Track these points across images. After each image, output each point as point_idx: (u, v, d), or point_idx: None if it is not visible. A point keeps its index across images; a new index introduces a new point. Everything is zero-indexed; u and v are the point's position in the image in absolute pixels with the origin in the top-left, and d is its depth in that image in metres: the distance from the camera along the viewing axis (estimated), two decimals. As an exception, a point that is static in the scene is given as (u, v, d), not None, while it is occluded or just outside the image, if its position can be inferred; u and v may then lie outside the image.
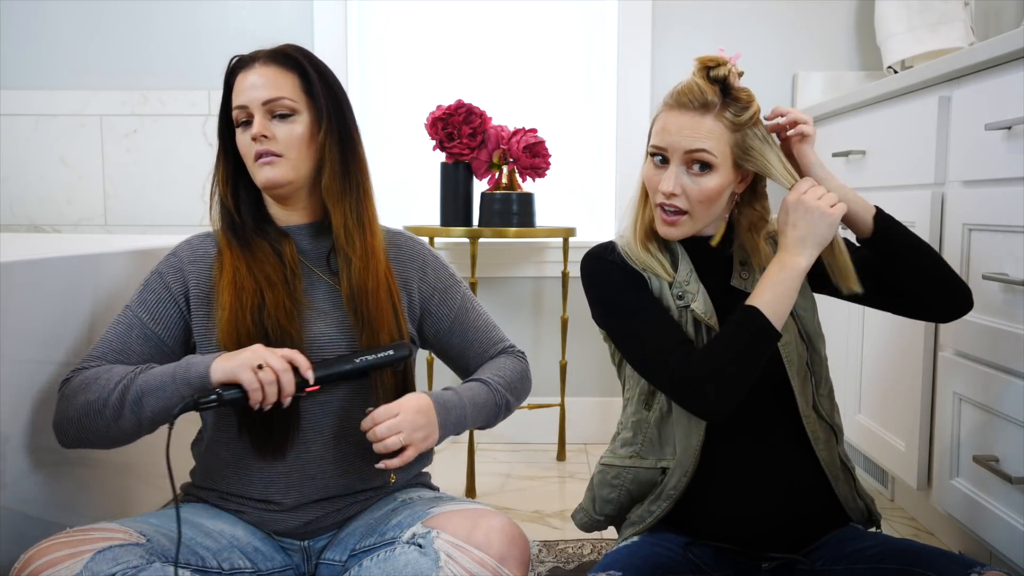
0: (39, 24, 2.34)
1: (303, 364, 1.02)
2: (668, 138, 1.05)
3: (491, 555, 0.98)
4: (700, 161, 1.04)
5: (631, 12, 2.30)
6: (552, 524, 1.76)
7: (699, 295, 1.09)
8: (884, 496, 1.87)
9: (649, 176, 1.10)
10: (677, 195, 1.06)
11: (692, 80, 1.05)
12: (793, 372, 1.09)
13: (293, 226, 1.18)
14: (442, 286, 1.24)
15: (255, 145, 1.10)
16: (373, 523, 1.12)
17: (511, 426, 2.34)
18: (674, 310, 1.10)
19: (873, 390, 1.75)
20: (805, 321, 1.12)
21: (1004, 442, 1.28)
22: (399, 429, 1.03)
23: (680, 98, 1.05)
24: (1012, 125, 1.22)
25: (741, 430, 1.09)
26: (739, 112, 1.04)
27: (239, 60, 1.14)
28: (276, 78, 1.11)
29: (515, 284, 2.38)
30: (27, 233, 2.35)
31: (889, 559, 0.98)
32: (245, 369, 0.98)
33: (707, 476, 1.09)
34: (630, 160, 2.34)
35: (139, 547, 0.96)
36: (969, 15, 2.00)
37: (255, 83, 1.11)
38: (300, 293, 1.13)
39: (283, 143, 1.11)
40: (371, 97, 2.43)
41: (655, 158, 1.08)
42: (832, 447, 1.12)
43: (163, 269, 1.17)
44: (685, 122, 1.04)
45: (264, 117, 1.11)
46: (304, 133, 1.12)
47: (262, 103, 1.10)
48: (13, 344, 1.12)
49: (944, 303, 1.10)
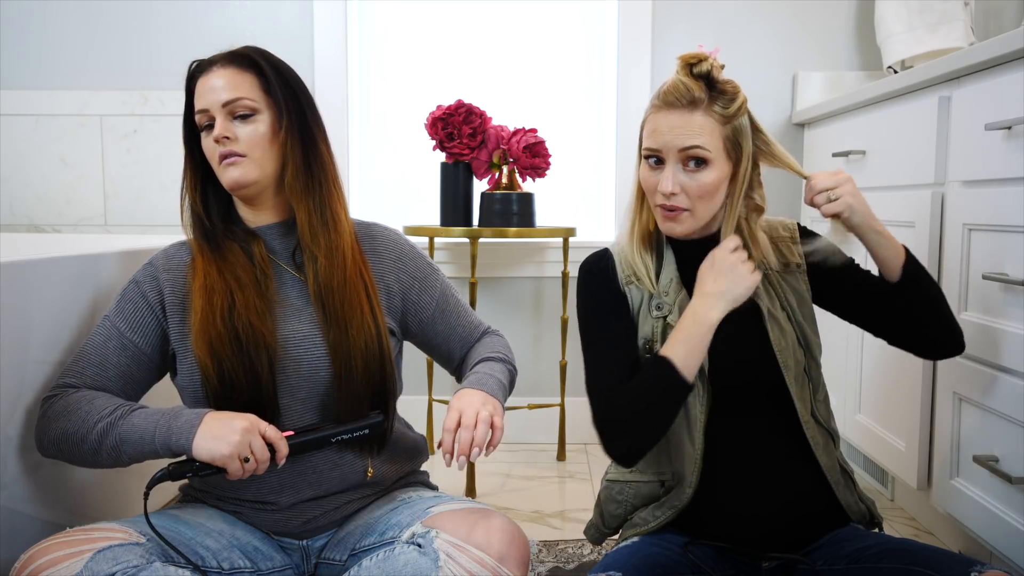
0: (39, 24, 2.34)
1: (281, 452, 1.01)
2: (661, 139, 1.06)
3: (490, 554, 0.98)
4: (695, 157, 1.05)
5: (631, 12, 2.30)
6: (552, 524, 1.76)
7: (676, 306, 1.11)
8: (884, 496, 1.87)
9: (646, 178, 1.10)
10: (677, 193, 1.06)
11: (677, 79, 1.06)
12: (791, 378, 1.09)
13: (263, 226, 1.18)
14: (421, 275, 1.24)
15: (219, 147, 1.11)
16: (372, 522, 1.12)
17: (511, 426, 2.34)
18: (651, 321, 1.11)
19: (873, 390, 1.75)
20: (804, 328, 1.13)
21: (1004, 442, 1.28)
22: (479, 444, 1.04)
23: (667, 98, 1.05)
24: (1012, 125, 1.22)
25: (741, 437, 1.10)
26: (727, 104, 1.05)
27: (198, 65, 1.15)
28: (234, 79, 1.11)
29: (515, 284, 2.38)
30: (27, 233, 2.35)
31: (889, 558, 0.98)
32: (234, 460, 0.98)
33: (709, 482, 1.09)
34: (630, 160, 2.33)
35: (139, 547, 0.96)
36: (969, 15, 2.00)
37: (214, 86, 1.11)
38: (272, 292, 1.13)
39: (246, 143, 1.11)
40: (371, 97, 2.43)
41: (649, 160, 1.09)
42: (831, 452, 1.12)
43: (139, 278, 1.17)
44: (675, 121, 1.05)
45: (225, 119, 1.11)
46: (266, 132, 1.12)
47: (222, 104, 1.10)
48: (13, 344, 1.12)
49: (943, 346, 1.15)
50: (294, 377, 1.10)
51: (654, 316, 1.12)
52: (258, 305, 1.10)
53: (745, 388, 1.10)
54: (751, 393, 1.11)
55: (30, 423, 1.16)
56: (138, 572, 0.92)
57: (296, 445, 1.03)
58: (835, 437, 1.15)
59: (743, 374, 1.10)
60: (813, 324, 1.15)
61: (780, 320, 1.11)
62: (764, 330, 1.10)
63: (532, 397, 2.34)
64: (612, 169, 2.40)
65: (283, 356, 1.09)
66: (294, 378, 1.10)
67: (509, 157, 2.04)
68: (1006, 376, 1.27)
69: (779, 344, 1.09)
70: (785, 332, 1.10)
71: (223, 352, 1.06)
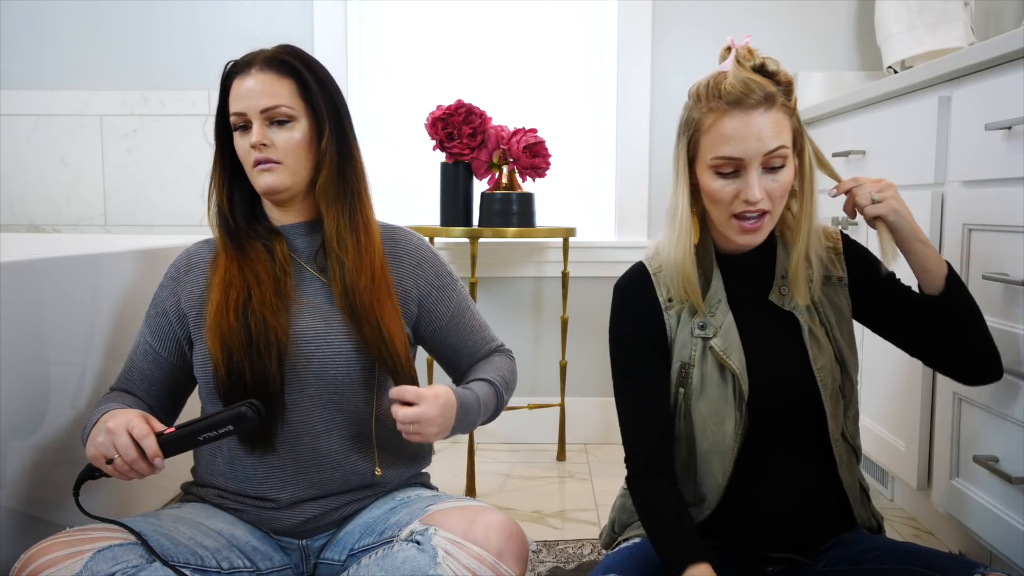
0: (39, 24, 2.34)
1: (150, 451, 0.97)
2: (743, 146, 0.96)
3: (489, 551, 0.98)
4: (780, 158, 0.97)
5: (631, 12, 2.30)
6: (552, 524, 1.76)
7: (723, 329, 1.04)
8: (884, 496, 1.87)
9: (719, 188, 0.99)
10: (761, 199, 0.97)
11: (741, 76, 0.96)
12: (827, 396, 1.04)
13: (287, 225, 1.18)
14: (440, 283, 1.23)
15: (254, 152, 1.10)
16: (371, 522, 1.12)
17: (511, 426, 2.35)
18: (691, 344, 1.05)
19: (873, 390, 1.75)
20: (841, 345, 1.07)
21: (1004, 442, 1.28)
22: (416, 420, 1.03)
23: (739, 97, 0.95)
24: (1012, 125, 1.22)
25: (770, 457, 1.06)
26: (789, 94, 0.98)
27: (234, 65, 1.14)
28: (273, 84, 1.11)
29: (515, 284, 2.38)
30: (27, 233, 2.35)
31: (891, 560, 0.98)
32: (98, 460, 1.00)
33: (728, 501, 1.06)
34: (630, 160, 2.34)
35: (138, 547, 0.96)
36: (969, 15, 2.00)
37: (252, 90, 1.10)
38: (290, 289, 1.13)
39: (282, 150, 1.11)
40: (371, 97, 2.43)
41: (721, 170, 0.98)
42: (853, 468, 1.10)
43: (163, 281, 1.21)
44: (756, 123, 0.95)
45: (262, 124, 1.10)
46: (303, 139, 1.12)
47: (260, 111, 1.10)
48: (13, 344, 1.12)
49: (980, 369, 1.07)
50: (304, 374, 1.11)
51: (695, 336, 1.05)
52: (274, 302, 1.11)
53: (783, 409, 1.06)
54: (788, 413, 1.06)
55: (30, 423, 1.16)
56: (138, 572, 0.92)
57: (166, 443, 0.99)
58: (859, 453, 1.11)
59: (782, 395, 1.05)
60: (851, 340, 1.09)
61: (819, 337, 1.06)
62: (803, 348, 1.05)
63: (532, 397, 2.34)
64: (612, 169, 2.40)
65: (294, 352, 1.10)
66: (304, 375, 1.11)
67: (509, 157, 2.04)
68: (1006, 376, 1.27)
69: (818, 362, 1.04)
70: (824, 349, 1.05)
71: (233, 346, 1.07)
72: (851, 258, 1.10)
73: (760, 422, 1.05)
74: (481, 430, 2.28)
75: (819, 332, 1.06)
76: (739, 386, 1.03)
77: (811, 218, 1.03)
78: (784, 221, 1.06)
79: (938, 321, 1.05)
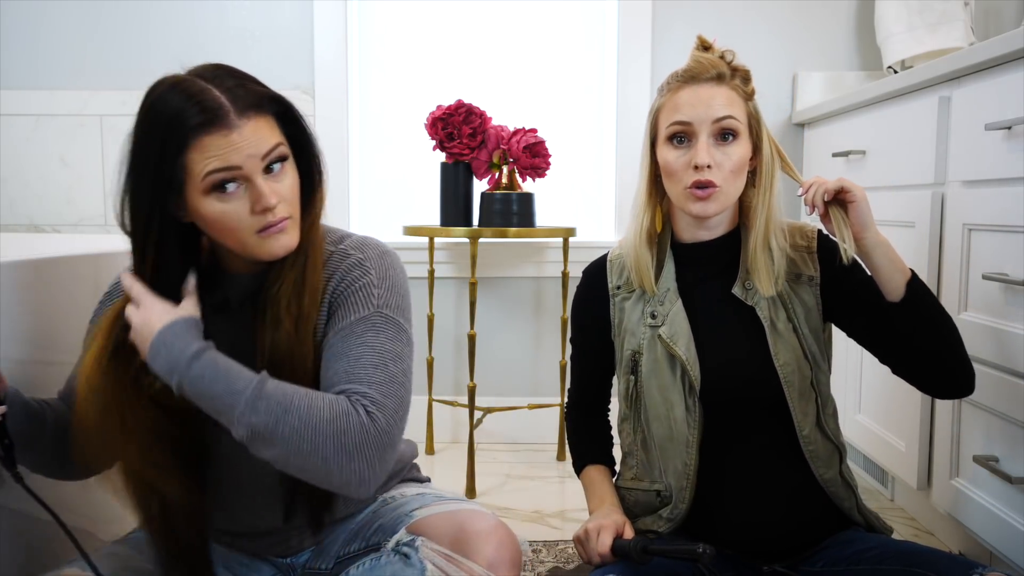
0: (39, 24, 2.34)
1: None
2: (692, 111, 1.03)
3: (479, 562, 0.94)
4: (728, 129, 1.03)
5: (631, 11, 2.30)
6: (552, 524, 1.76)
7: (670, 316, 1.08)
8: (884, 496, 1.87)
9: (673, 159, 1.05)
10: (712, 167, 1.03)
11: (699, 56, 1.06)
12: (794, 394, 1.05)
13: (243, 274, 1.00)
14: (353, 300, 0.97)
15: (259, 218, 0.90)
16: (356, 528, 1.09)
17: (511, 426, 2.35)
18: (643, 330, 1.10)
19: (873, 390, 1.75)
20: (810, 343, 1.08)
21: (1004, 442, 1.28)
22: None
23: (693, 72, 1.05)
24: (1012, 125, 1.22)
25: (739, 452, 1.08)
26: (745, 82, 1.06)
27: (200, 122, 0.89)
28: (258, 128, 0.89)
29: (515, 284, 2.38)
30: (27, 233, 2.35)
31: (890, 560, 0.98)
32: None
33: (706, 496, 1.08)
34: (630, 160, 2.33)
35: None
36: (969, 15, 2.00)
37: (238, 141, 0.87)
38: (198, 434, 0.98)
39: (290, 203, 0.93)
40: (371, 97, 2.43)
41: (674, 140, 1.06)
42: (834, 465, 1.09)
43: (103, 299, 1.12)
44: (706, 93, 1.03)
45: (264, 179, 0.90)
46: (296, 181, 0.94)
47: (261, 158, 0.89)
48: (13, 344, 1.12)
49: (947, 383, 1.06)
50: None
51: (645, 323, 1.10)
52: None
53: (741, 403, 1.07)
54: (748, 408, 1.07)
55: (30, 423, 1.16)
56: None
57: None
58: (842, 451, 1.11)
59: (738, 390, 1.07)
60: (820, 336, 1.10)
61: (784, 334, 1.07)
62: (765, 344, 1.06)
63: (532, 397, 2.34)
64: (612, 169, 2.40)
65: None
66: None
67: (509, 157, 2.04)
68: (1006, 376, 1.27)
69: (780, 358, 1.06)
70: (790, 346, 1.06)
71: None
72: (825, 258, 1.10)
73: (721, 414, 1.07)
74: (481, 430, 2.29)
75: (784, 328, 1.07)
76: (687, 374, 1.06)
77: (768, 208, 1.07)
78: (748, 214, 1.09)
79: (900, 329, 1.03)
